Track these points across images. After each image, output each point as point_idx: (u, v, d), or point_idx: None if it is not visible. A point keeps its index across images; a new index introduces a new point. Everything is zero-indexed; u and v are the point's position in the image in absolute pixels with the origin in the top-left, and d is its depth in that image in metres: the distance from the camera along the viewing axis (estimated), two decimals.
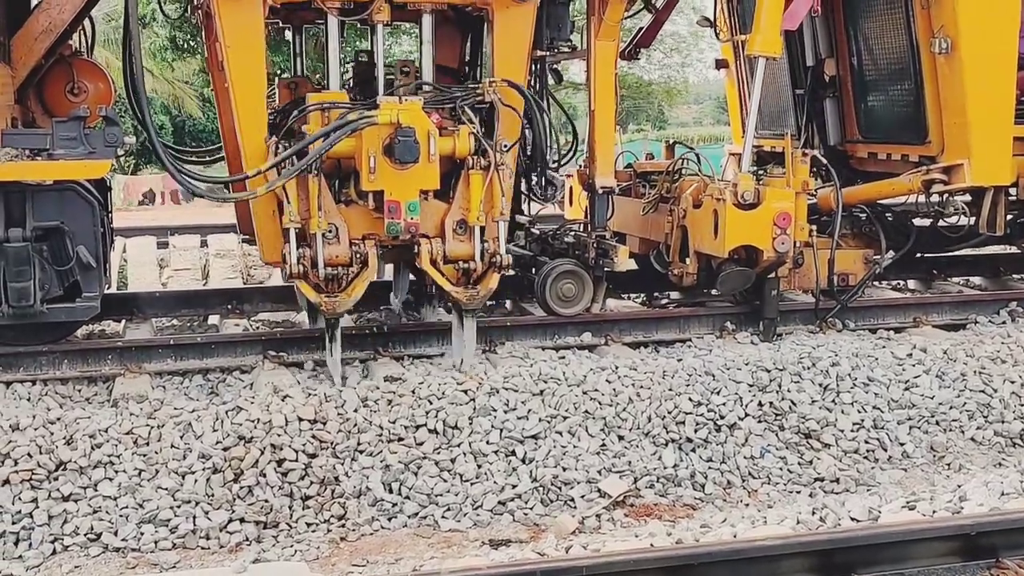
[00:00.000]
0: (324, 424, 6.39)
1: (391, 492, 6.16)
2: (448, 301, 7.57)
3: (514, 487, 6.25)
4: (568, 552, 5.34)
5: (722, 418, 6.83)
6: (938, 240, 9.84)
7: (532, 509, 6.16)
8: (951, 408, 7.26)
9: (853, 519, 5.69)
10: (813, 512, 5.84)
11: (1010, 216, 9.23)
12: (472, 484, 6.24)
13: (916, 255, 10.12)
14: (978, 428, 7.19)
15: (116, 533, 5.73)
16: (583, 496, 6.24)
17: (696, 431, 6.73)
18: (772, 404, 6.99)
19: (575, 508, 6.17)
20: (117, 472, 6.01)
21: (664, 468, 6.49)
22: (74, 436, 6.14)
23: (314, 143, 6.91)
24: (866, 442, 6.92)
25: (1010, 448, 7.11)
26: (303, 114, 7.17)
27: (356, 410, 6.53)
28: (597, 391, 6.88)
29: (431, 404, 6.62)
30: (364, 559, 5.63)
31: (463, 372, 7.19)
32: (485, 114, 7.48)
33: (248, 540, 5.80)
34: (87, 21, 8.46)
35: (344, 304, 7.17)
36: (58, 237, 7.10)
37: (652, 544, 5.30)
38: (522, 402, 6.74)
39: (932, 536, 4.91)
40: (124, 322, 8.68)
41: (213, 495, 5.96)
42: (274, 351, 7.72)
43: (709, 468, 6.57)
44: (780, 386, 7.13)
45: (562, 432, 6.61)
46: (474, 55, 8.59)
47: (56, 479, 5.94)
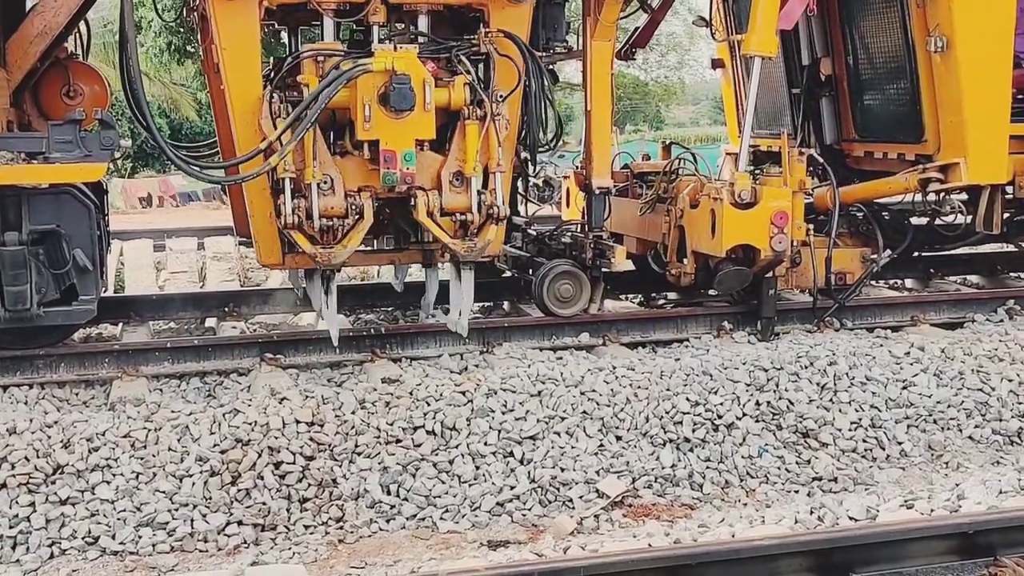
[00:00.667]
0: (322, 426, 6.38)
1: (389, 494, 6.15)
2: (446, 253, 7.54)
3: (512, 488, 6.24)
4: (566, 553, 5.33)
5: (720, 418, 6.83)
6: (935, 239, 9.85)
7: (530, 510, 6.15)
8: (949, 406, 7.26)
9: (851, 518, 5.68)
10: (811, 511, 5.84)
11: (1007, 214, 9.24)
12: (470, 485, 6.24)
13: (913, 254, 10.12)
14: (976, 426, 7.19)
15: (114, 536, 5.72)
16: (581, 497, 6.24)
17: (694, 431, 6.72)
18: (770, 403, 6.98)
19: (573, 509, 6.16)
20: (114, 475, 6.00)
21: (662, 468, 6.49)
22: (71, 439, 6.13)
23: (312, 103, 6.85)
24: (864, 441, 6.91)
25: (1008, 446, 7.11)
26: (297, 61, 7.13)
27: (354, 412, 6.52)
28: (595, 391, 6.87)
29: (429, 406, 6.61)
30: (362, 561, 5.62)
31: (463, 326, 7.17)
32: (481, 65, 7.45)
33: (246, 543, 5.78)
34: (83, 24, 8.46)
35: (340, 255, 7.14)
36: (54, 240, 7.08)
37: (650, 544, 5.29)
38: (520, 403, 6.74)
39: (930, 535, 4.89)
40: (121, 325, 8.68)
41: (211, 498, 5.95)
42: (271, 353, 7.72)
43: (707, 468, 6.56)
44: (778, 385, 7.13)
45: (560, 433, 6.61)
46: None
47: (53, 483, 5.92)
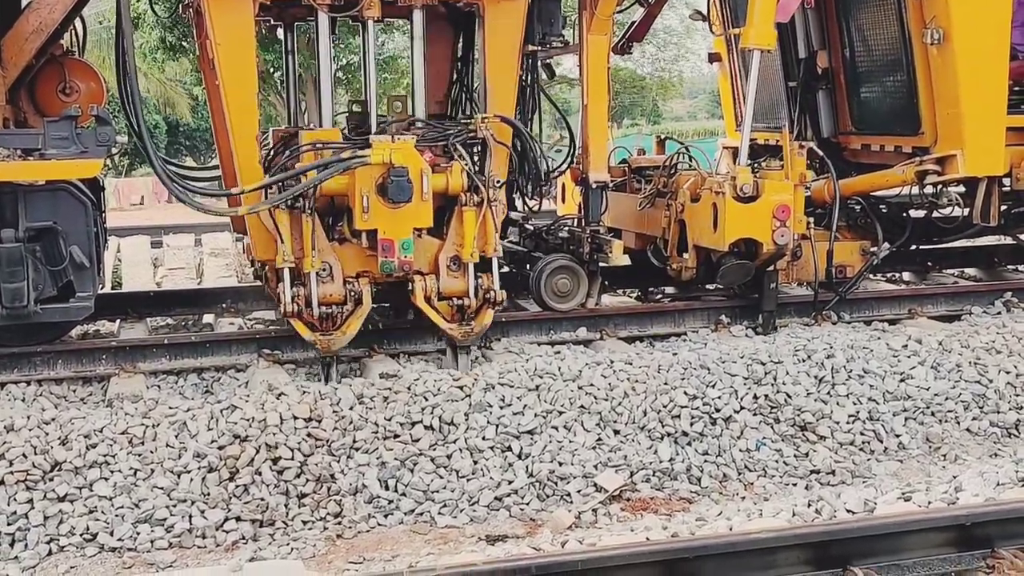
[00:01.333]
0: (319, 422, 6.38)
1: (387, 489, 6.15)
2: (442, 337, 7.55)
3: (510, 483, 6.24)
4: (564, 547, 5.33)
5: (718, 411, 6.83)
6: (932, 231, 9.85)
7: (528, 504, 6.15)
8: (946, 399, 7.26)
9: (849, 511, 5.69)
10: (809, 504, 5.85)
11: (1004, 207, 9.23)
12: (468, 480, 6.24)
13: (911, 247, 10.13)
14: (973, 419, 7.19)
15: (112, 533, 5.72)
16: (579, 491, 6.24)
17: (692, 424, 6.73)
18: (767, 397, 6.99)
19: (571, 503, 6.17)
20: (112, 472, 6.00)
21: (660, 462, 6.49)
22: (69, 436, 6.12)
23: (307, 173, 6.88)
24: (862, 434, 6.92)
25: (1005, 438, 7.12)
26: (296, 154, 7.15)
27: (352, 407, 6.52)
28: (593, 386, 6.87)
29: (427, 400, 6.61)
30: (360, 556, 5.62)
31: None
32: (478, 149, 7.48)
33: (244, 539, 5.79)
34: (78, 21, 8.44)
35: (339, 342, 7.19)
36: (51, 237, 7.07)
37: (648, 538, 5.30)
38: (518, 398, 6.74)
39: (928, 527, 4.90)
40: (118, 322, 8.67)
41: (209, 494, 5.95)
42: (269, 349, 7.71)
43: (705, 461, 6.57)
44: (775, 379, 7.13)
45: (558, 427, 6.61)
46: (466, 52, 8.57)
47: (51, 479, 5.93)
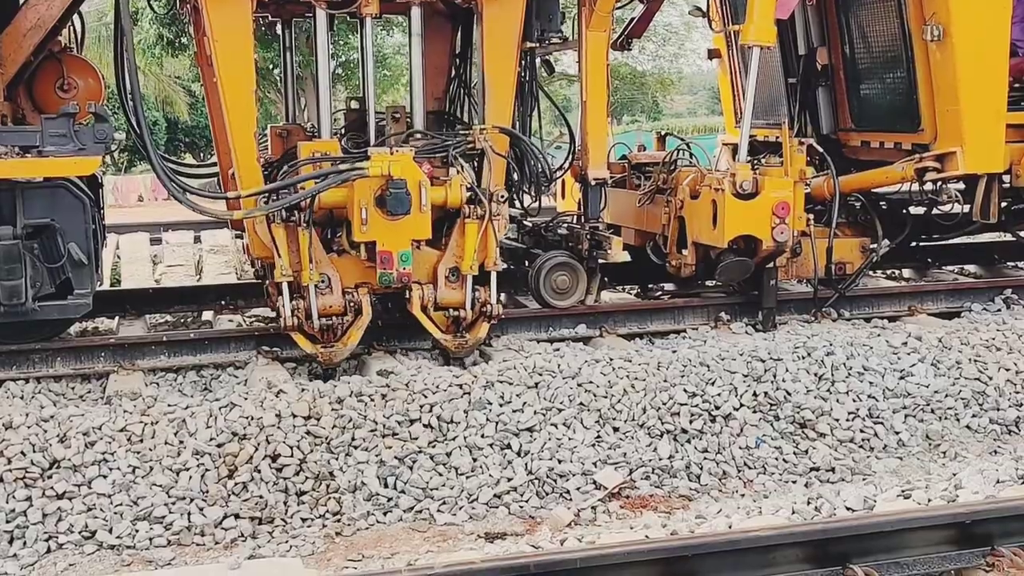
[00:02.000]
0: (318, 419, 6.37)
1: (386, 487, 6.15)
2: (436, 347, 7.55)
3: (509, 480, 6.23)
4: (563, 545, 5.33)
5: (717, 408, 6.82)
6: (932, 228, 9.84)
7: (527, 502, 6.14)
8: (946, 396, 7.25)
9: (848, 508, 5.68)
10: (808, 502, 5.84)
11: (1004, 203, 9.22)
12: (467, 478, 6.23)
13: (910, 244, 10.12)
14: (973, 416, 7.19)
15: (111, 531, 5.71)
16: (578, 488, 6.23)
17: (691, 422, 6.72)
18: (767, 394, 6.98)
19: (570, 500, 6.16)
20: (111, 469, 5.99)
21: (659, 459, 6.48)
22: (68, 434, 6.11)
23: (306, 183, 6.87)
24: (861, 431, 6.91)
25: (1005, 436, 7.11)
26: (294, 168, 7.13)
27: (351, 405, 6.52)
28: (592, 383, 6.86)
29: (425, 398, 6.60)
30: (359, 554, 5.62)
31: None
32: (477, 160, 7.46)
33: (243, 536, 5.78)
34: (77, 17, 8.42)
35: (340, 353, 7.20)
36: (49, 234, 7.05)
37: (647, 536, 5.30)
38: (517, 395, 6.73)
39: (927, 525, 4.88)
40: (117, 319, 8.66)
41: (208, 492, 5.94)
42: (268, 347, 7.70)
43: (704, 459, 6.56)
44: (775, 376, 7.12)
45: (557, 424, 6.60)
46: (464, 49, 8.56)
47: (50, 477, 5.92)
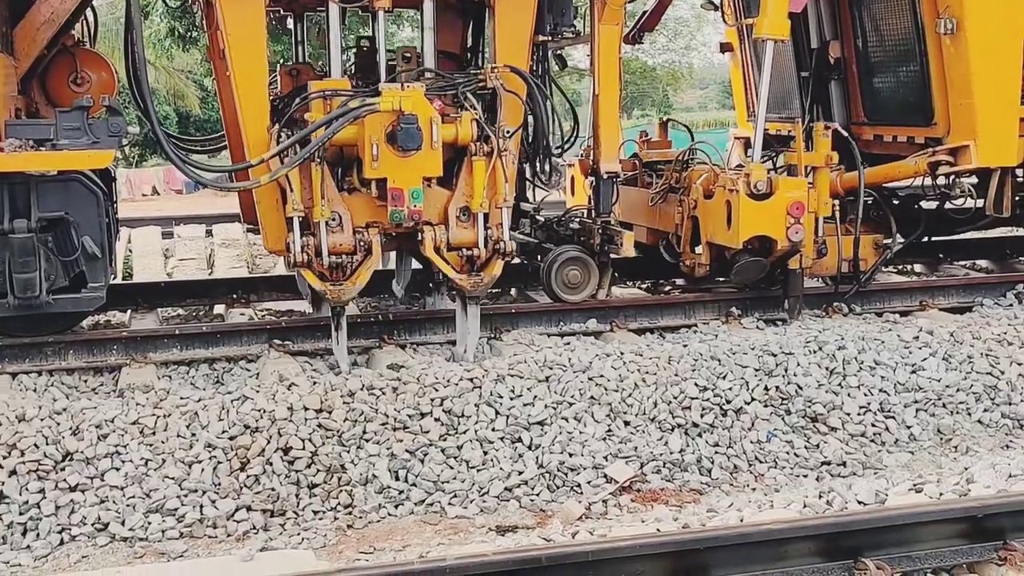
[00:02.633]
0: (330, 412, 6.39)
1: (397, 479, 6.16)
2: (452, 288, 7.56)
3: (520, 473, 6.24)
4: (574, 538, 5.34)
5: (728, 403, 6.82)
6: (945, 223, 9.81)
7: (538, 495, 6.15)
8: (958, 390, 7.24)
9: (860, 502, 5.66)
10: (820, 496, 5.83)
11: (1017, 198, 9.19)
12: (478, 471, 6.24)
13: (923, 239, 10.08)
14: (985, 410, 7.17)
15: (123, 523, 5.74)
16: (589, 482, 6.24)
17: (702, 416, 6.72)
18: (778, 388, 6.97)
19: (581, 494, 6.16)
20: (124, 462, 6.02)
21: (670, 453, 6.48)
22: (80, 426, 6.15)
23: (316, 131, 6.90)
24: (873, 425, 6.91)
25: (1017, 430, 7.09)
26: (305, 102, 7.15)
27: (362, 398, 6.53)
28: (603, 377, 6.86)
29: (436, 391, 6.61)
30: (371, 546, 5.63)
31: (469, 359, 7.19)
32: (487, 100, 7.46)
33: (255, 528, 5.81)
34: (89, 11, 8.45)
35: (349, 292, 7.18)
36: (63, 228, 7.10)
37: (658, 529, 5.30)
38: (528, 389, 6.74)
39: (939, 519, 4.89)
40: (130, 312, 8.70)
41: (220, 484, 5.97)
42: (279, 340, 7.73)
43: (715, 453, 6.56)
44: (786, 370, 7.11)
45: (568, 418, 6.61)
46: (476, 41, 8.55)
47: (63, 469, 5.95)
